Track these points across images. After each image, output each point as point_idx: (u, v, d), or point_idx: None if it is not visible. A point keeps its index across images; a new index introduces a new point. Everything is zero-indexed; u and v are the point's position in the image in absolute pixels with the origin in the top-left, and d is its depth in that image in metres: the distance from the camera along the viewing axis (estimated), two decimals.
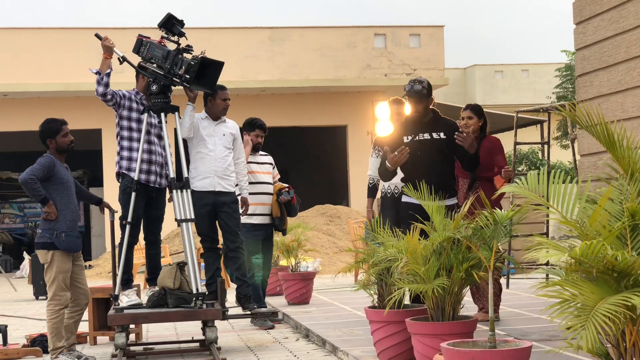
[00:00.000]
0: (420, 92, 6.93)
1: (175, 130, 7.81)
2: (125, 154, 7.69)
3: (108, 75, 7.49)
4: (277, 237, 10.64)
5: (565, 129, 23.35)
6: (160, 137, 7.80)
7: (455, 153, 6.98)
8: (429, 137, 6.97)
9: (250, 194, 8.88)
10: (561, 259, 3.56)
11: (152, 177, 7.70)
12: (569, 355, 5.73)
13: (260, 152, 9.47)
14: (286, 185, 9.55)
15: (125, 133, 7.70)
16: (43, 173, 7.15)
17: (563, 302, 3.58)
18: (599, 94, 7.71)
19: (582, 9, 7.98)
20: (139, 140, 7.64)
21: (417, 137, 6.99)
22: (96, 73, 7.49)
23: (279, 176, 9.73)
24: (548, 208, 4.00)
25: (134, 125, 7.69)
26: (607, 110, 7.39)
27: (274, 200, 9.38)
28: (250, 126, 9.34)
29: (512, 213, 5.12)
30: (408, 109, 7.43)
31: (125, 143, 7.69)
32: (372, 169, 8.45)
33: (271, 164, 9.57)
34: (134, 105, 7.71)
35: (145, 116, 7.58)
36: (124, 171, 7.68)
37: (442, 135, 6.95)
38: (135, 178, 7.51)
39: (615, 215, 3.90)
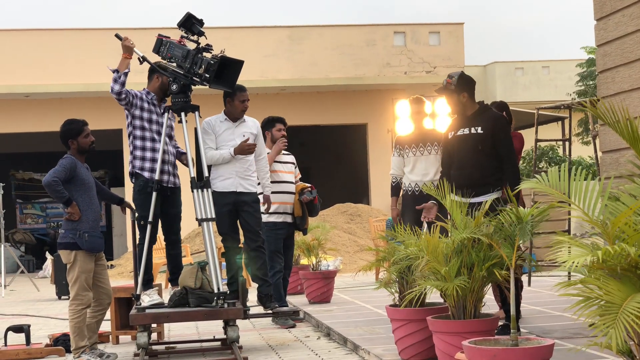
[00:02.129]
0: (447, 87, 6.86)
1: (195, 129, 7.83)
2: (138, 153, 7.69)
3: (126, 74, 7.51)
4: (298, 236, 10.65)
5: (587, 126, 23.25)
6: (170, 137, 7.82)
7: (495, 149, 6.71)
8: (467, 132, 6.80)
9: (272, 192, 8.88)
10: (583, 259, 3.54)
11: (165, 177, 7.71)
12: (592, 352, 5.70)
13: (283, 152, 9.47)
14: (309, 185, 9.55)
15: (138, 133, 7.71)
16: (65, 174, 7.19)
17: (587, 299, 3.56)
18: (621, 90, 7.66)
19: (603, 5, 7.93)
20: (151, 139, 7.66)
21: (457, 133, 6.87)
22: (114, 71, 7.51)
23: (300, 176, 9.73)
24: (570, 205, 3.98)
25: (146, 125, 7.70)
26: (628, 106, 7.33)
27: (296, 199, 9.38)
28: (269, 124, 9.34)
29: (538, 210, 5.06)
30: (428, 107, 7.40)
31: (138, 143, 7.70)
32: (395, 168, 8.43)
33: (293, 163, 9.57)
34: (145, 105, 7.72)
35: (165, 116, 7.61)
36: (137, 171, 7.68)
37: (479, 130, 6.73)
38: (156, 177, 7.53)
39: (638, 212, 3.87)
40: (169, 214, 7.82)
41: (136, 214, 7.68)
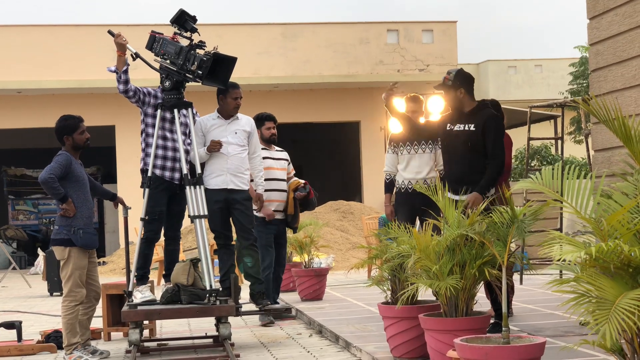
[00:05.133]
0: (445, 83, 6.90)
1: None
2: (150, 151, 7.68)
3: (125, 72, 7.48)
4: (289, 233, 10.66)
5: (579, 124, 23.29)
6: (185, 135, 7.79)
7: (484, 146, 6.77)
8: (461, 129, 6.86)
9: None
10: (576, 256, 3.55)
11: (177, 175, 7.71)
12: (583, 351, 5.71)
13: (276, 148, 9.45)
14: (302, 181, 9.53)
15: (150, 130, 7.69)
16: (61, 171, 7.18)
17: (579, 297, 3.57)
18: (613, 89, 7.67)
19: (596, 3, 7.95)
20: (164, 137, 7.66)
21: (453, 127, 6.92)
22: (114, 72, 7.49)
23: (294, 172, 9.69)
24: (562, 203, 3.99)
25: (159, 123, 7.67)
26: (621, 105, 7.33)
27: (290, 197, 9.35)
28: (259, 122, 9.30)
29: (531, 209, 5.06)
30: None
31: (151, 140, 7.68)
32: (389, 165, 8.43)
33: (287, 160, 9.54)
34: (159, 102, 7.69)
35: (159, 112, 7.58)
36: (148, 168, 7.68)
37: (472, 127, 6.79)
38: (149, 174, 7.52)
39: (631, 210, 3.88)
40: (174, 211, 7.84)
41: (128, 210, 7.68)
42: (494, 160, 6.77)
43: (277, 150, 9.44)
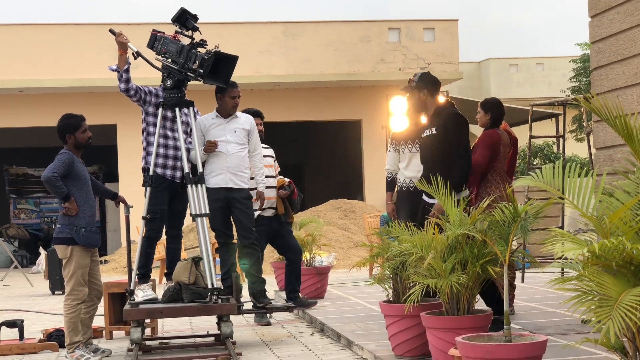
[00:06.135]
0: (409, 84, 7.00)
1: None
2: (151, 149, 7.68)
3: (127, 71, 7.48)
4: None
5: (581, 123, 23.27)
6: (187, 134, 7.78)
7: (445, 148, 6.81)
8: (428, 134, 7.00)
9: (252, 188, 8.82)
10: (579, 253, 3.55)
11: (178, 173, 7.71)
12: (584, 349, 5.71)
13: (262, 146, 9.38)
14: (287, 179, 9.49)
15: (151, 129, 7.70)
16: (64, 170, 7.18)
17: (581, 295, 3.57)
18: (615, 87, 7.67)
19: (598, 1, 7.94)
20: (165, 136, 7.66)
21: (424, 134, 7.06)
22: (115, 70, 7.49)
23: (279, 169, 9.64)
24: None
25: (160, 121, 7.67)
26: (622, 103, 7.35)
27: (278, 198, 9.31)
28: None
29: (532, 207, 5.06)
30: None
31: (152, 139, 7.68)
32: (390, 163, 8.43)
33: (272, 157, 9.49)
34: (161, 101, 7.69)
35: (160, 111, 7.58)
36: (149, 167, 7.68)
37: (433, 130, 6.91)
38: (150, 173, 7.52)
39: (632, 208, 3.88)
40: (176, 210, 7.85)
41: (130, 209, 7.69)
42: (457, 160, 6.82)
43: (263, 147, 9.34)
